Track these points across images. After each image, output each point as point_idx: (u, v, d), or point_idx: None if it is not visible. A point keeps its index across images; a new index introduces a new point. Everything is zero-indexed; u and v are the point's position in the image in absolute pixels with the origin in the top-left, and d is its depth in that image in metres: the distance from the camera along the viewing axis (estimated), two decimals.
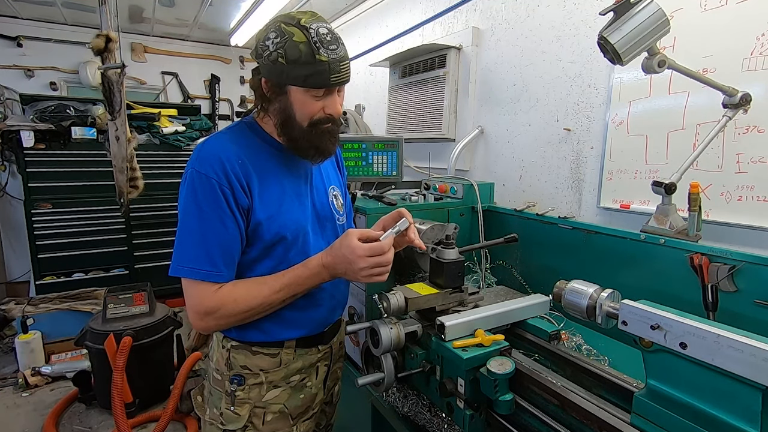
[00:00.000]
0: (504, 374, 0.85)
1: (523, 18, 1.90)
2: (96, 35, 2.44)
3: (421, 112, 2.45)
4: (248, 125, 1.04)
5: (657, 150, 1.42)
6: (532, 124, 1.90)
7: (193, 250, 0.92)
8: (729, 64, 1.23)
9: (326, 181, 1.16)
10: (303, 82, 0.90)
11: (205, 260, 0.91)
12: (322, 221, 1.11)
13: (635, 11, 1.08)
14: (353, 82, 3.39)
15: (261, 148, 1.01)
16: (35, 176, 3.33)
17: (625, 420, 0.73)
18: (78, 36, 3.90)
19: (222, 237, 0.92)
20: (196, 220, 0.92)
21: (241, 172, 0.93)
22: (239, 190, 0.93)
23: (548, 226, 1.62)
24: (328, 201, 1.14)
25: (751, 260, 1.07)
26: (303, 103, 0.94)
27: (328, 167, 1.21)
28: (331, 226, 1.14)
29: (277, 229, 0.98)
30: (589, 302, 0.84)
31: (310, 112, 0.95)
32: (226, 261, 0.94)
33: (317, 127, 0.97)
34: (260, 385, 1.06)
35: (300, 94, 0.93)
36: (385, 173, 1.89)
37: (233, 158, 0.93)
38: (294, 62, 0.89)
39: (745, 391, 0.58)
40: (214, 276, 0.92)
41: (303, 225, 1.03)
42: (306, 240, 1.05)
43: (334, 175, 1.24)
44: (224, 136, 0.99)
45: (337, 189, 1.20)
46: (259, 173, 0.97)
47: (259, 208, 0.96)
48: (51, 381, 2.80)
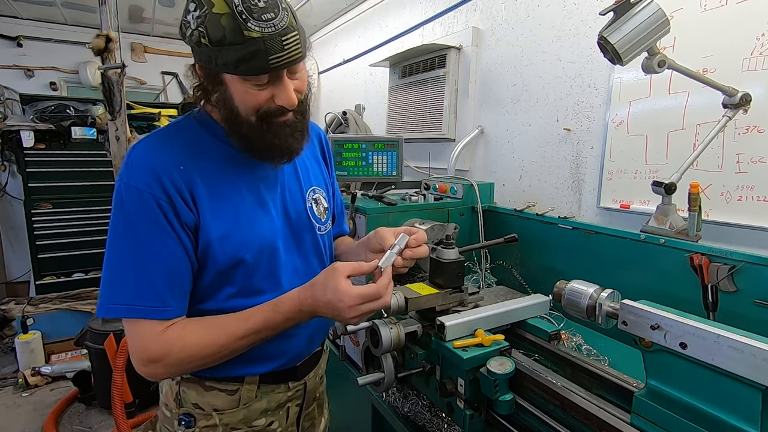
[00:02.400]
0: (504, 374, 0.85)
1: (523, 18, 1.90)
2: (96, 35, 2.44)
3: (421, 112, 2.45)
4: (198, 119, 0.84)
5: (657, 150, 1.42)
6: (532, 124, 1.90)
7: (129, 281, 0.73)
8: (729, 64, 1.23)
9: (304, 182, 0.96)
10: (234, 68, 0.69)
11: (147, 293, 0.73)
12: (297, 233, 0.92)
13: (635, 11, 1.08)
14: (353, 82, 3.40)
15: (212, 148, 0.82)
16: (35, 176, 3.34)
17: (625, 420, 0.73)
18: (78, 36, 3.91)
19: (165, 262, 0.74)
20: (130, 244, 0.73)
21: (183, 181, 0.75)
22: (181, 203, 0.74)
23: (548, 226, 1.62)
24: (305, 207, 0.94)
25: (751, 260, 1.07)
26: (243, 93, 0.73)
27: (309, 163, 1.01)
28: (311, 238, 0.95)
29: (234, 250, 0.79)
30: (589, 302, 0.84)
31: (255, 104, 0.75)
32: (173, 292, 0.75)
33: (269, 120, 0.76)
34: (214, 428, 0.87)
35: (237, 83, 0.73)
36: (385, 173, 1.89)
37: (170, 165, 0.74)
38: (219, 43, 0.67)
39: (745, 391, 0.58)
40: (158, 312, 0.74)
41: (270, 241, 0.85)
42: (275, 259, 0.86)
43: (317, 171, 1.02)
44: (159, 137, 0.79)
45: (320, 190, 1.00)
46: (208, 180, 0.78)
47: (209, 224, 0.77)
48: (51, 381, 2.80)
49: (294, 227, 0.92)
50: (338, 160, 1.86)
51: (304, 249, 0.93)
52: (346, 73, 3.51)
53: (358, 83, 3.35)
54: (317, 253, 0.97)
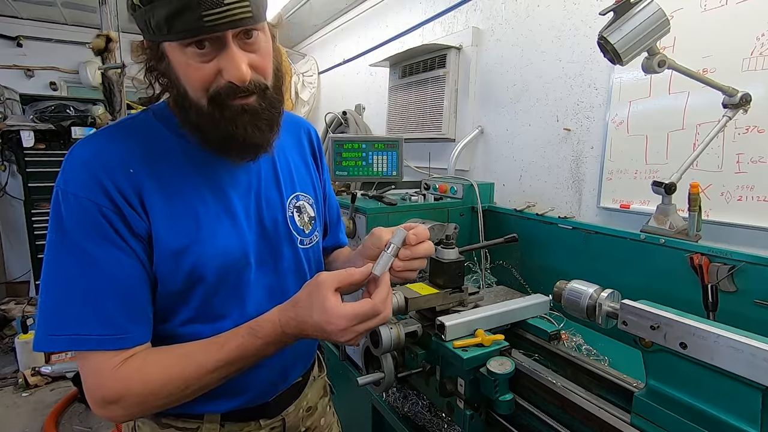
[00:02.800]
0: (504, 374, 0.85)
1: (523, 18, 1.90)
2: (96, 35, 2.44)
3: (421, 112, 2.45)
4: (156, 114, 0.71)
5: (657, 150, 1.42)
6: (532, 124, 1.90)
7: (72, 306, 0.60)
8: (729, 64, 1.23)
9: (285, 187, 0.82)
10: (168, 28, 0.57)
11: (96, 319, 0.60)
12: (274, 247, 0.79)
13: (635, 11, 1.07)
14: (353, 82, 3.40)
15: (171, 147, 0.69)
16: (35, 176, 3.34)
17: (625, 420, 0.73)
18: (78, 36, 3.91)
19: (117, 280, 0.62)
20: (71, 261, 0.61)
21: (130, 185, 0.63)
22: (129, 211, 0.63)
23: (548, 226, 1.62)
24: (284, 216, 0.80)
25: (751, 260, 1.07)
26: (186, 66, 0.61)
27: (295, 165, 0.86)
28: (291, 253, 0.81)
29: (192, 266, 0.67)
30: (589, 302, 0.84)
31: (200, 79, 0.62)
32: (131, 314, 0.63)
33: (222, 103, 0.63)
34: None
35: (177, 52, 0.61)
36: (385, 173, 1.89)
37: (115, 167, 0.63)
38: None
39: (745, 391, 0.58)
40: (112, 341, 0.61)
41: (237, 257, 0.72)
42: (242, 278, 0.73)
43: (303, 175, 0.88)
44: (104, 135, 0.67)
45: (305, 196, 0.86)
46: (163, 185, 0.66)
47: (162, 236, 0.65)
48: (51, 381, 2.80)
49: (270, 240, 0.78)
50: (338, 160, 1.86)
51: (281, 266, 0.80)
52: (346, 73, 3.51)
53: (358, 83, 3.35)
54: (298, 270, 0.83)
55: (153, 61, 0.65)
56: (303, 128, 0.93)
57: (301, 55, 4.26)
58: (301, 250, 0.83)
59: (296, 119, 0.93)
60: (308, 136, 0.94)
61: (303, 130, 0.92)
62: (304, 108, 4.02)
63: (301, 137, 0.91)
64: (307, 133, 0.93)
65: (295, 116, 0.94)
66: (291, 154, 0.87)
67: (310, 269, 0.87)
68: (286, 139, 0.87)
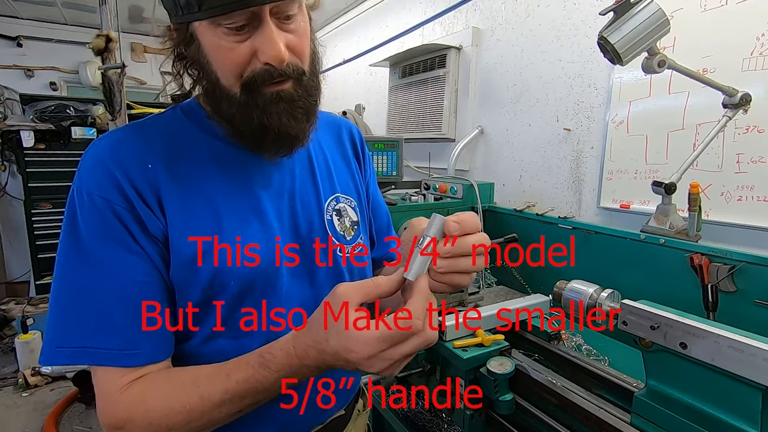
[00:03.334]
0: (504, 374, 0.85)
1: (523, 18, 1.90)
2: (96, 35, 2.44)
3: (421, 112, 2.45)
4: (184, 110, 0.66)
5: (657, 150, 1.42)
6: (532, 124, 1.90)
7: (80, 315, 0.54)
8: (729, 64, 1.23)
9: (324, 188, 0.73)
10: (199, 5, 0.52)
11: (103, 331, 0.54)
12: (310, 255, 0.68)
13: (635, 11, 1.07)
14: (353, 82, 3.40)
15: (197, 142, 0.63)
16: (35, 176, 3.34)
17: (625, 420, 0.73)
18: (78, 36, 3.91)
19: (128, 287, 0.55)
20: (80, 266, 0.55)
21: (147, 182, 0.57)
22: (145, 210, 0.56)
23: (548, 226, 1.62)
24: (322, 220, 0.70)
25: (751, 260, 1.07)
26: (217, 48, 0.55)
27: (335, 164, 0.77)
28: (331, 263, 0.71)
29: (212, 271, 0.58)
30: (589, 302, 0.84)
31: (234, 62, 0.55)
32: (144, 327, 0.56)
33: (257, 91, 0.57)
34: None
35: (208, 32, 0.55)
36: (385, 173, 1.89)
37: (132, 162, 0.57)
38: None
39: (745, 391, 0.58)
40: (120, 357, 0.54)
41: (266, 262, 0.62)
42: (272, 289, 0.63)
43: (345, 175, 0.78)
44: (125, 130, 0.62)
45: (347, 198, 0.76)
46: (183, 182, 0.60)
47: (180, 238, 0.58)
48: (51, 381, 2.80)
49: (305, 247, 0.68)
50: None
51: (318, 278, 0.69)
52: (346, 73, 3.51)
53: (358, 83, 3.35)
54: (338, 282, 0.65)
55: (182, 46, 0.60)
56: (344, 126, 0.84)
57: None
58: (341, 260, 0.71)
59: (336, 118, 0.84)
60: (350, 135, 0.83)
61: (344, 129, 0.83)
62: None
63: (341, 135, 0.82)
64: (348, 131, 0.83)
65: (335, 116, 0.85)
66: (330, 151, 0.77)
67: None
68: (325, 136, 0.78)
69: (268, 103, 0.57)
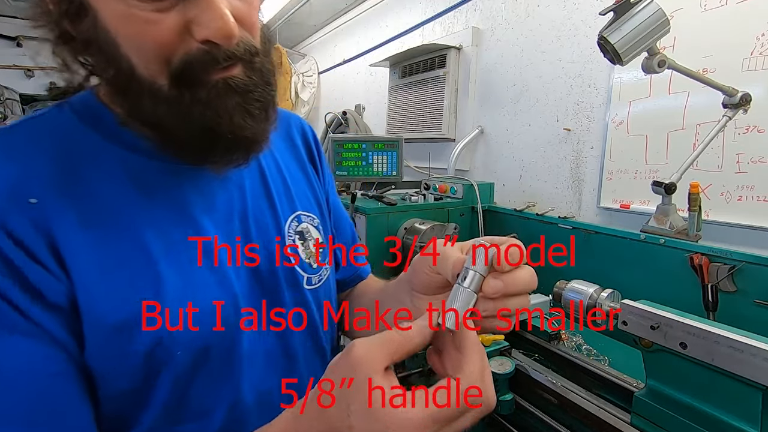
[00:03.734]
0: (504, 374, 0.85)
1: (523, 18, 1.90)
2: None
3: (421, 112, 2.45)
4: (76, 110, 0.45)
5: (657, 150, 1.42)
6: (532, 124, 1.90)
7: None
8: (729, 64, 1.23)
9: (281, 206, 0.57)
10: None
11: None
12: (273, 293, 0.53)
13: (635, 11, 1.07)
14: (353, 82, 3.40)
15: (102, 158, 0.44)
16: None
17: (625, 420, 0.73)
18: None
19: (24, 388, 0.36)
20: None
21: (31, 224, 0.38)
22: (33, 267, 0.38)
23: (548, 226, 1.62)
24: (283, 248, 0.55)
25: (751, 260, 1.06)
26: (128, 21, 0.37)
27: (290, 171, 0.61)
28: (296, 300, 0.56)
29: (150, 342, 0.42)
30: (589, 302, 0.84)
31: (157, 41, 0.38)
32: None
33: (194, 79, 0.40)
34: None
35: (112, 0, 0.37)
36: (385, 173, 1.89)
37: (3, 196, 0.38)
38: None
39: (745, 391, 0.58)
40: None
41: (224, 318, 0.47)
42: (232, 350, 0.48)
43: (302, 185, 0.63)
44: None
45: (309, 216, 0.61)
46: (89, 216, 0.41)
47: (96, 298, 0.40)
48: None
49: (266, 284, 0.53)
50: (338, 160, 1.86)
51: (286, 324, 0.54)
52: (346, 73, 3.51)
53: (358, 83, 3.34)
54: (309, 322, 0.57)
55: (66, 21, 0.39)
56: (294, 124, 0.67)
57: (301, 55, 4.26)
58: (309, 294, 0.57)
59: (284, 113, 0.63)
60: (302, 134, 0.67)
61: (295, 127, 0.67)
62: (304, 108, 4.02)
63: (292, 135, 0.66)
64: (300, 129, 0.67)
65: (285, 111, 0.66)
66: (283, 157, 0.62)
67: (321, 318, 0.61)
68: (275, 140, 0.57)
69: (213, 97, 0.40)
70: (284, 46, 3.79)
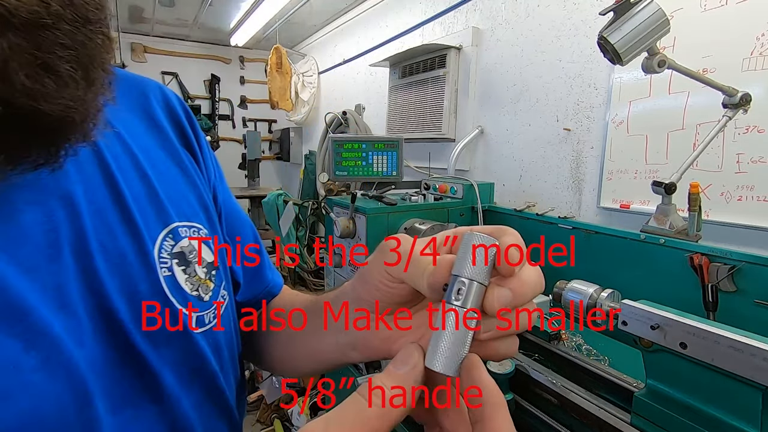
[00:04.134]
0: (504, 374, 0.85)
1: (523, 18, 1.90)
2: None
3: (421, 112, 2.45)
4: None
5: (657, 150, 1.42)
6: (532, 124, 1.90)
7: None
8: (729, 64, 1.23)
9: (145, 220, 0.38)
10: None
11: None
12: (141, 357, 0.35)
13: (635, 11, 1.07)
14: (353, 82, 3.40)
15: None
16: None
17: (625, 420, 0.73)
18: None
19: None
20: None
21: None
22: None
23: (548, 226, 1.62)
24: (155, 281, 0.37)
25: (751, 260, 1.06)
26: None
27: (154, 162, 0.42)
28: (182, 353, 0.38)
29: None
30: (589, 302, 0.84)
31: None
32: None
33: None
34: None
35: None
36: (385, 173, 1.88)
37: None
38: None
39: (745, 391, 0.58)
40: None
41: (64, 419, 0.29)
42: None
43: (178, 180, 0.45)
44: None
45: (194, 226, 0.43)
46: None
47: None
48: None
49: (132, 347, 0.35)
50: (338, 160, 1.86)
51: (164, 391, 0.37)
52: (346, 73, 3.51)
53: (358, 83, 3.34)
54: (205, 380, 0.41)
55: None
56: (153, 93, 0.46)
57: (301, 55, 4.26)
58: (200, 339, 0.40)
59: (132, 77, 0.46)
60: (167, 107, 0.47)
61: (154, 98, 0.46)
62: (304, 108, 4.02)
63: (152, 110, 0.45)
64: (163, 101, 0.47)
65: (136, 75, 0.46)
66: (142, 147, 0.41)
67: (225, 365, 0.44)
68: (124, 115, 0.41)
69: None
70: (284, 46, 3.80)
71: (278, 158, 4.94)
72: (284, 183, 5.13)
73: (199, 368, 0.40)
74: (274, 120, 5.09)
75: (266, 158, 4.99)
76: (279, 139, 4.86)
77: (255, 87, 4.90)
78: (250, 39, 4.11)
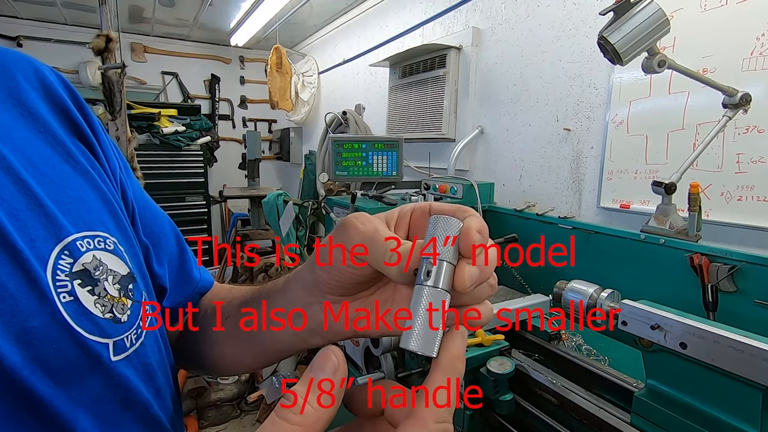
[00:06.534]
0: (504, 374, 0.85)
1: (523, 18, 1.90)
2: (96, 35, 2.43)
3: (421, 112, 2.45)
4: None
5: (657, 150, 1.42)
6: (532, 124, 1.90)
7: None
8: (729, 64, 1.23)
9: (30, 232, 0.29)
10: None
11: None
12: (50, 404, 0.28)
13: (635, 11, 1.07)
14: (353, 82, 3.40)
15: None
16: None
17: (625, 420, 0.73)
18: (78, 36, 3.90)
19: None
20: None
21: None
22: None
23: (548, 226, 1.62)
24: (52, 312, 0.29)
25: (751, 260, 1.06)
26: None
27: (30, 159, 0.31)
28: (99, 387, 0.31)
29: None
30: (589, 302, 0.84)
31: None
32: None
33: None
34: None
35: None
36: (385, 173, 1.89)
37: None
38: None
39: (745, 391, 0.58)
40: None
41: None
42: None
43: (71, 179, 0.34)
44: None
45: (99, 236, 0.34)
46: None
47: None
48: None
49: (26, 394, 0.27)
50: (338, 160, 1.86)
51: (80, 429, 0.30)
52: (346, 73, 3.51)
53: (358, 83, 3.34)
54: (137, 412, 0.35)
55: None
56: (22, 73, 0.35)
57: (301, 55, 4.26)
58: (122, 367, 0.33)
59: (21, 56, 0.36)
60: (44, 89, 0.36)
61: (24, 78, 0.35)
62: (304, 108, 4.02)
63: (22, 94, 0.34)
64: (38, 81, 0.36)
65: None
66: (14, 143, 0.32)
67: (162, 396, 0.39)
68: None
69: None
70: (284, 46, 3.80)
71: (278, 158, 4.94)
72: (284, 183, 5.13)
73: (127, 400, 0.34)
74: (274, 120, 5.09)
75: (266, 158, 5.00)
76: (279, 139, 4.87)
77: (255, 87, 4.90)
78: (250, 39, 4.11)
